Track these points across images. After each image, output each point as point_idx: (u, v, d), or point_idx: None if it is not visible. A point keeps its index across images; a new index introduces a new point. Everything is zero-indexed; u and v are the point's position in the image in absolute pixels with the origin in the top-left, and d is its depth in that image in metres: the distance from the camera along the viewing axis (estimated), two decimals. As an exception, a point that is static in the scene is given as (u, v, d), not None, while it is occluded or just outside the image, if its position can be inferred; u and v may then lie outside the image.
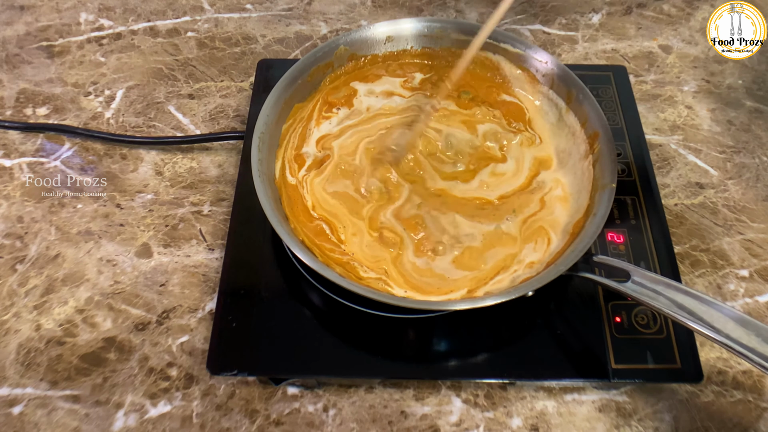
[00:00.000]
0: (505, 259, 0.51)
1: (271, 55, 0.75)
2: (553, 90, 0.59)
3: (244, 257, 0.54)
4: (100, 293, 0.56)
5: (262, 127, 0.53)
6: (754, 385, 0.51)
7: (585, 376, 0.49)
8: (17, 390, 0.50)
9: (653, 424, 0.49)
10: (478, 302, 0.44)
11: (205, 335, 0.53)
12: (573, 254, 0.46)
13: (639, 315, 0.51)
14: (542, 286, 0.45)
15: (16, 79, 0.72)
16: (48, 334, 0.53)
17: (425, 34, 0.62)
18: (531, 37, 0.78)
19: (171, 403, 0.50)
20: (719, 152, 0.67)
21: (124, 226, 0.60)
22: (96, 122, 0.68)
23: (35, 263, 0.57)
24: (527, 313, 0.51)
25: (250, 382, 0.51)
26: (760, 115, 0.70)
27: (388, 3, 0.82)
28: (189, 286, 0.56)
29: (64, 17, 0.79)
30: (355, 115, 0.59)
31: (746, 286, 0.57)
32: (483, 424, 0.49)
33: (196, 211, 0.61)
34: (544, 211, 0.53)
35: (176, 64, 0.74)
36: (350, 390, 0.51)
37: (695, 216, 0.62)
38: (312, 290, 0.52)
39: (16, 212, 0.61)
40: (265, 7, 0.81)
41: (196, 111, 0.69)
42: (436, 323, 0.51)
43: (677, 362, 0.48)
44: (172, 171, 0.64)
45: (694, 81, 0.74)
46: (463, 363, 0.50)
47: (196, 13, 0.80)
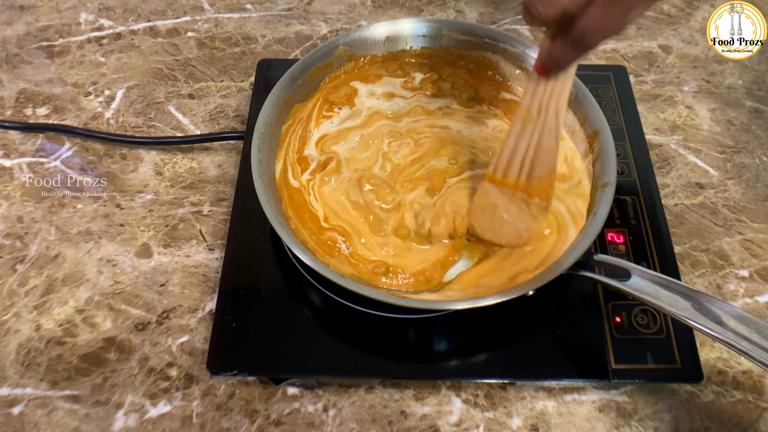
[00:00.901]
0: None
1: (271, 55, 0.75)
2: (553, 90, 0.59)
3: (244, 257, 0.54)
4: (100, 293, 0.56)
5: (261, 128, 0.53)
6: (754, 385, 0.51)
7: (585, 376, 0.49)
8: (17, 390, 0.50)
9: (653, 424, 0.49)
10: (478, 302, 0.44)
11: (205, 335, 0.53)
12: (573, 253, 0.46)
13: (639, 315, 0.51)
14: (542, 285, 0.45)
15: (16, 79, 0.72)
16: (48, 334, 0.53)
17: (424, 34, 0.62)
18: (531, 37, 0.78)
19: (171, 403, 0.50)
20: (719, 152, 0.67)
21: (124, 226, 0.60)
22: (96, 122, 0.68)
23: (35, 263, 0.57)
24: (527, 313, 0.51)
25: (250, 382, 0.51)
26: (760, 115, 0.70)
27: (388, 3, 0.82)
28: (189, 286, 0.56)
29: (64, 17, 0.79)
30: (356, 116, 0.59)
31: (746, 286, 0.57)
32: (483, 424, 0.49)
33: (196, 211, 0.61)
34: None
35: (176, 64, 0.74)
36: (350, 390, 0.51)
37: (695, 216, 0.62)
38: (312, 290, 0.52)
39: (16, 212, 0.61)
40: (265, 7, 0.81)
41: (196, 111, 0.69)
42: (436, 323, 0.51)
43: (677, 362, 0.48)
44: (172, 171, 0.64)
45: (694, 81, 0.74)
46: (463, 363, 0.50)
47: (196, 13, 0.80)
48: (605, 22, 0.37)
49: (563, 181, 0.54)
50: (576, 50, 0.40)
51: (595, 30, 0.38)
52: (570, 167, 0.55)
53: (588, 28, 0.37)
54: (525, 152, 0.48)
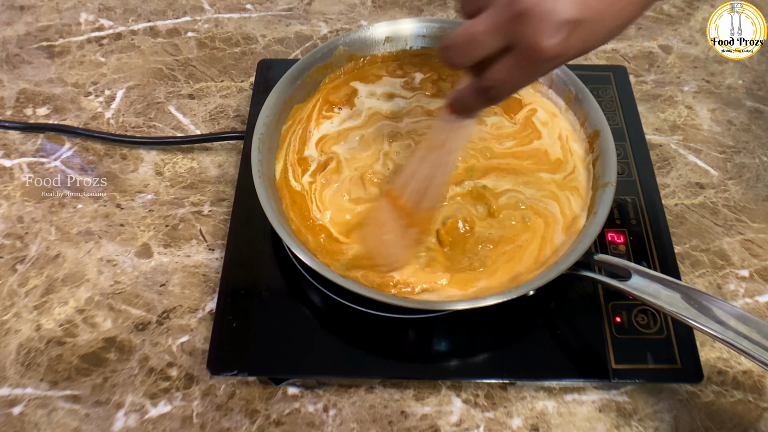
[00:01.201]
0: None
1: (271, 55, 0.75)
2: (553, 89, 0.59)
3: (244, 257, 0.54)
4: (100, 293, 0.56)
5: (261, 128, 0.53)
6: (754, 385, 0.51)
7: (585, 376, 0.49)
8: (17, 390, 0.50)
9: (653, 424, 0.49)
10: (478, 302, 0.44)
11: (206, 335, 0.53)
12: (574, 253, 0.46)
13: (639, 315, 0.51)
14: (543, 285, 0.45)
15: (17, 79, 0.72)
16: (48, 334, 0.53)
17: (424, 35, 0.62)
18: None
19: (171, 403, 0.50)
20: (719, 152, 0.67)
21: (124, 226, 0.60)
22: (96, 122, 0.68)
23: (35, 263, 0.57)
24: (527, 313, 0.51)
25: (250, 382, 0.51)
26: (760, 115, 0.70)
27: (388, 3, 0.82)
28: (189, 286, 0.56)
29: (64, 17, 0.79)
30: (356, 116, 0.59)
31: (746, 286, 0.57)
32: (483, 424, 0.49)
33: (197, 211, 0.61)
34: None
35: (176, 64, 0.74)
36: (350, 390, 0.51)
37: (695, 216, 0.62)
38: (312, 290, 0.52)
39: (16, 212, 0.61)
40: (265, 7, 0.81)
41: (196, 111, 0.69)
42: (436, 323, 0.51)
43: (677, 362, 0.48)
44: (173, 171, 0.64)
45: (694, 81, 0.74)
46: (463, 363, 0.50)
47: (196, 13, 0.80)
48: (514, 78, 0.35)
49: (557, 172, 0.54)
50: (483, 100, 0.39)
51: (503, 84, 0.36)
52: (565, 149, 0.55)
53: (497, 81, 0.36)
54: (422, 180, 0.47)
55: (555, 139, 0.57)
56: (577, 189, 0.53)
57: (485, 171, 0.55)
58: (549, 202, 0.52)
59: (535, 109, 0.59)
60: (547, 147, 0.56)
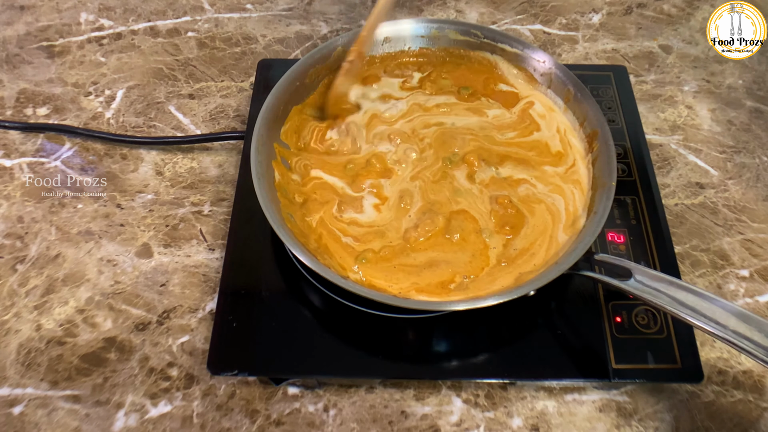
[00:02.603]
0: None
1: (271, 55, 0.75)
2: (552, 89, 0.59)
3: (245, 257, 0.54)
4: (100, 293, 0.56)
5: (261, 130, 0.53)
6: (755, 385, 0.51)
7: (585, 376, 0.49)
8: (17, 390, 0.50)
9: (654, 424, 0.49)
10: (478, 302, 0.44)
11: (206, 335, 0.53)
12: (574, 253, 0.46)
13: (639, 315, 0.51)
14: (543, 285, 0.45)
15: (17, 79, 0.72)
16: (48, 334, 0.53)
17: (422, 35, 0.62)
18: (531, 37, 0.78)
19: (171, 403, 0.50)
20: (719, 152, 0.67)
21: (124, 226, 0.60)
22: (96, 122, 0.68)
23: (35, 263, 0.57)
24: (528, 313, 0.51)
25: (250, 382, 0.51)
26: (760, 115, 0.70)
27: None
28: (189, 286, 0.56)
29: (65, 17, 0.79)
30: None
31: (746, 286, 0.57)
32: (483, 424, 0.49)
33: (197, 211, 0.61)
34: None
35: (176, 64, 0.74)
36: (350, 390, 0.51)
37: (695, 216, 0.62)
38: (312, 290, 0.52)
39: (16, 212, 0.61)
40: (266, 7, 0.81)
41: (197, 111, 0.69)
42: (436, 323, 0.51)
43: (678, 362, 0.48)
44: (173, 171, 0.64)
45: (694, 81, 0.74)
46: (463, 363, 0.50)
47: (196, 13, 0.80)
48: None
49: (558, 164, 0.54)
50: None
51: None
52: (564, 143, 0.56)
53: None
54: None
55: (554, 132, 0.57)
56: (579, 183, 0.53)
57: (500, 158, 0.55)
58: (556, 197, 0.53)
59: (532, 101, 0.59)
60: (547, 139, 0.57)
